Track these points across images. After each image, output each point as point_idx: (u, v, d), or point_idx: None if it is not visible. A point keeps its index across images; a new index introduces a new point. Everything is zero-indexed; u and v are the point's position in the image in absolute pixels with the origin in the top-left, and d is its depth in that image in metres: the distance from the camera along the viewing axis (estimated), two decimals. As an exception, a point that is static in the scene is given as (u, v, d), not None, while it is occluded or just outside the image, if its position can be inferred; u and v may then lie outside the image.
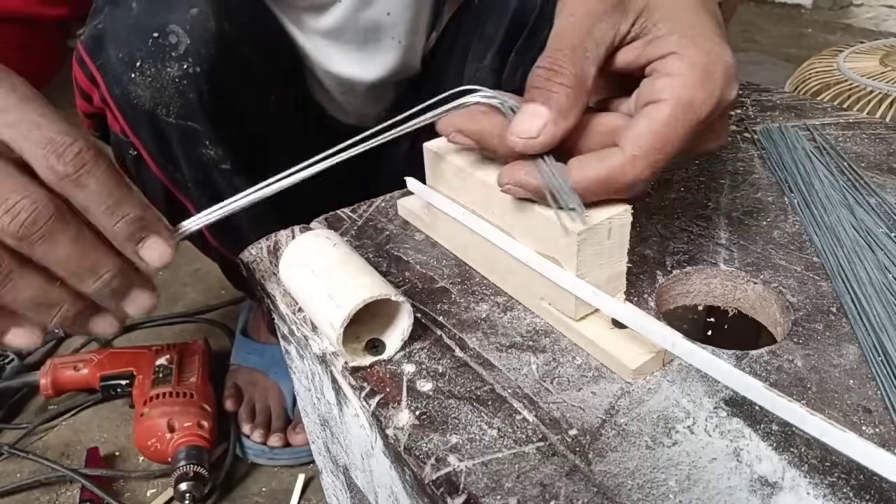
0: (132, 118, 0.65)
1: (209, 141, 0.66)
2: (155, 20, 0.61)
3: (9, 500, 0.85)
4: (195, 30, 0.61)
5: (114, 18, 0.62)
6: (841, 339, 0.37)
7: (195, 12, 0.61)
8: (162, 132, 0.65)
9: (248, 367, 0.96)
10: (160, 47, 0.61)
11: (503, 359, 0.37)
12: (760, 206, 0.49)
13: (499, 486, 0.30)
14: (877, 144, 0.57)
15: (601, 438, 0.32)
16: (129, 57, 0.62)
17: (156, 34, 0.61)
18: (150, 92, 0.62)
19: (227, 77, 0.64)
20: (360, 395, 0.36)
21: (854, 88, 1.09)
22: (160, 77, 0.62)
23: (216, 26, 0.62)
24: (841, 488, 0.29)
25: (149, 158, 0.68)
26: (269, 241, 0.48)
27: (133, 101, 0.63)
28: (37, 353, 1.08)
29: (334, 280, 0.36)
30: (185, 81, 0.62)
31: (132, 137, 0.67)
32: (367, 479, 0.41)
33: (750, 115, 0.63)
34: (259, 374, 0.94)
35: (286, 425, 0.90)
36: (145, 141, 0.67)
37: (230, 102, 0.65)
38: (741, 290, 0.43)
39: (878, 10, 2.70)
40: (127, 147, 0.68)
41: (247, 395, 0.93)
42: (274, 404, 0.91)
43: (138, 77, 0.62)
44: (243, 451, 0.89)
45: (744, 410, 0.33)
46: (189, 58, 0.62)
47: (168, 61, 0.62)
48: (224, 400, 0.92)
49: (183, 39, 0.61)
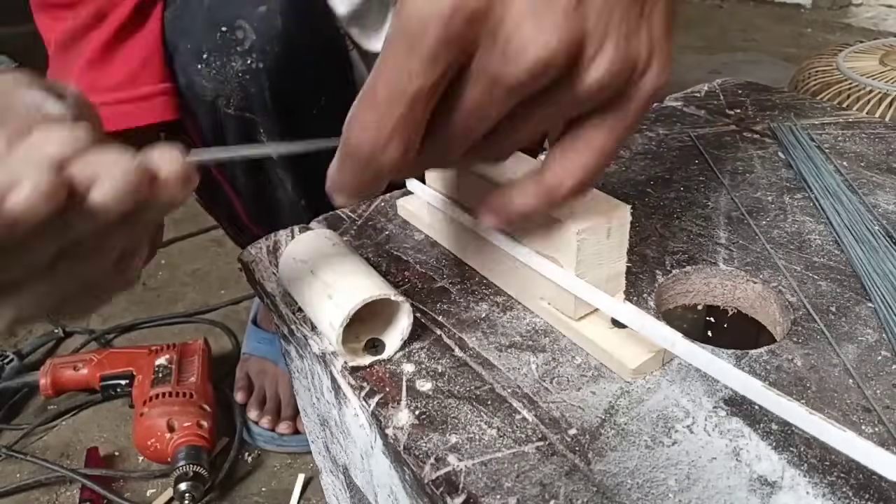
0: (194, 105, 0.67)
1: (263, 131, 0.68)
2: (224, 14, 0.63)
3: (8, 500, 0.85)
4: (262, 27, 0.63)
5: (187, 8, 0.64)
6: (840, 338, 0.37)
7: (263, 10, 0.63)
8: (220, 122, 0.67)
9: (258, 356, 0.97)
10: (227, 41, 0.63)
11: (503, 358, 0.37)
12: (760, 205, 0.49)
13: (498, 486, 0.30)
14: (876, 144, 0.57)
15: (601, 438, 0.32)
16: (198, 49, 0.64)
17: (224, 28, 0.63)
18: (213, 84, 0.65)
19: (286, 74, 0.66)
20: (359, 395, 0.36)
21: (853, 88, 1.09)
22: (224, 70, 0.64)
23: (282, 25, 0.64)
24: (840, 487, 0.29)
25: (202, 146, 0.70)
26: (269, 241, 0.48)
27: (196, 91, 0.65)
28: (36, 353, 1.08)
29: (334, 280, 0.36)
30: (248, 76, 0.64)
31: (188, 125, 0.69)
32: (366, 479, 0.41)
33: (750, 114, 0.63)
34: (269, 362, 0.95)
35: (295, 413, 0.91)
36: (203, 130, 0.69)
37: (287, 99, 0.67)
38: (741, 290, 0.43)
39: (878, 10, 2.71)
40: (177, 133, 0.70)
41: (257, 383, 0.94)
42: (283, 392, 0.93)
43: (204, 69, 0.64)
44: (252, 438, 0.90)
45: (743, 410, 0.33)
46: (254, 53, 0.64)
47: (233, 55, 0.63)
48: (235, 392, 0.93)
49: (250, 35, 0.63)
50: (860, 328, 0.38)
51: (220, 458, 0.87)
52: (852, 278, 0.41)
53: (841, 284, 0.41)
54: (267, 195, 0.74)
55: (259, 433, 0.90)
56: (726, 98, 0.67)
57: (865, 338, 0.37)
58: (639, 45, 0.27)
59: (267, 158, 0.70)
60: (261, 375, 0.95)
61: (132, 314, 1.15)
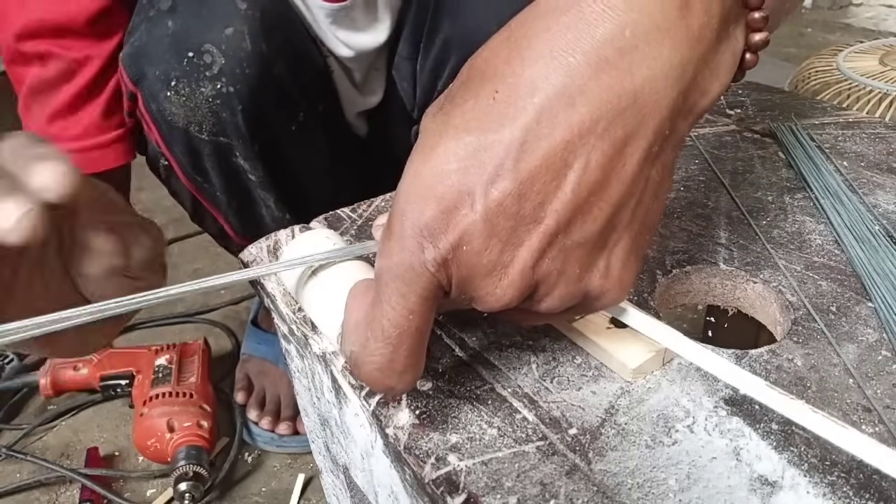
0: (167, 133, 0.66)
1: (239, 153, 0.67)
2: (190, 39, 0.62)
3: (9, 500, 0.85)
4: (230, 49, 0.62)
5: (150, 36, 0.62)
6: (841, 338, 0.37)
7: (231, 32, 0.61)
8: (194, 147, 0.66)
9: (258, 357, 0.97)
10: (195, 67, 0.62)
11: (503, 358, 0.37)
12: (760, 205, 0.49)
13: (499, 486, 0.30)
14: (876, 144, 0.57)
15: (601, 438, 0.32)
16: (165, 75, 0.62)
17: (191, 53, 0.62)
18: (184, 111, 0.63)
19: (259, 95, 0.64)
20: (360, 395, 0.36)
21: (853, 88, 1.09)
22: (194, 97, 0.63)
23: (251, 45, 0.62)
24: (841, 487, 0.29)
25: (179, 172, 0.70)
26: (269, 240, 0.48)
27: (168, 118, 0.64)
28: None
29: (334, 279, 0.36)
30: (218, 101, 0.63)
31: (164, 151, 0.68)
32: (366, 479, 0.41)
33: (750, 114, 0.63)
34: (269, 363, 0.95)
35: (295, 414, 0.91)
36: (177, 155, 0.68)
37: (262, 120, 0.66)
38: (741, 290, 0.43)
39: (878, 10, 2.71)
40: (159, 156, 0.70)
41: (257, 384, 0.94)
42: (283, 393, 0.93)
43: (173, 96, 0.63)
44: (252, 439, 0.90)
45: (743, 409, 0.33)
46: (223, 77, 0.62)
47: (202, 81, 0.62)
48: (235, 393, 0.93)
49: (217, 59, 0.62)
50: (860, 328, 0.38)
51: (220, 458, 0.87)
52: (852, 278, 0.41)
53: (841, 284, 0.41)
54: (251, 213, 0.74)
55: (259, 434, 0.90)
56: (726, 98, 0.67)
57: (866, 337, 0.37)
58: (590, 281, 0.29)
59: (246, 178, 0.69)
60: (261, 376, 0.95)
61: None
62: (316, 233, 0.40)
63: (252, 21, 0.62)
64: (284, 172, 0.71)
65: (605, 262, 0.29)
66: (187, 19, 0.62)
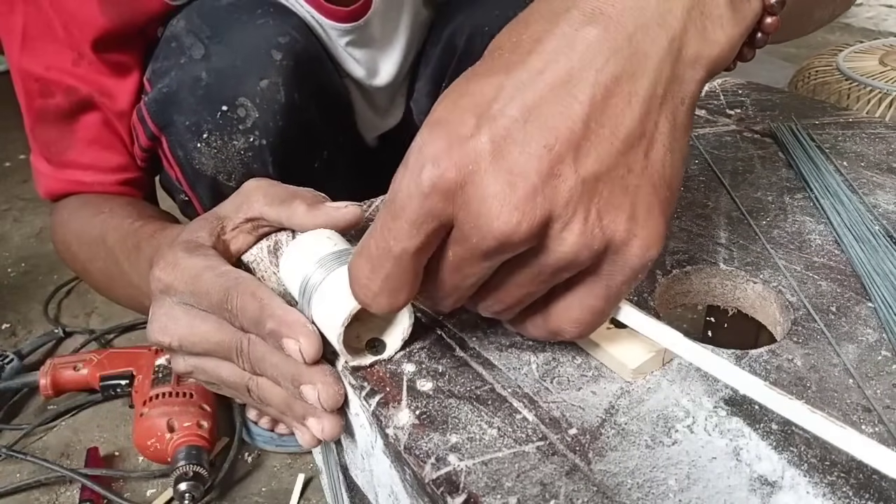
0: (192, 177, 0.65)
1: None
2: (224, 92, 0.60)
3: (9, 500, 0.85)
4: (264, 102, 0.61)
5: (181, 84, 0.61)
6: (841, 338, 0.37)
7: (265, 84, 0.60)
8: (220, 192, 0.65)
9: None
10: (228, 120, 0.61)
11: (503, 358, 0.37)
12: (760, 205, 0.49)
13: (499, 486, 0.30)
14: (876, 144, 0.57)
15: (601, 438, 0.32)
16: (196, 127, 0.61)
17: (225, 107, 0.60)
18: (213, 162, 0.62)
19: (290, 144, 0.64)
20: (360, 395, 0.36)
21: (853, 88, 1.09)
22: (225, 149, 0.62)
23: (285, 97, 0.61)
24: (840, 487, 0.29)
25: (200, 209, 0.69)
26: (270, 241, 0.48)
27: (196, 167, 0.63)
28: (36, 354, 1.08)
29: (335, 279, 0.36)
30: (250, 153, 0.62)
31: (187, 189, 0.67)
32: (367, 479, 0.41)
33: (750, 114, 0.63)
34: None
35: None
36: (201, 197, 0.67)
37: (290, 166, 0.65)
38: (741, 290, 0.43)
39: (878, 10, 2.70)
40: (178, 191, 0.69)
41: None
42: None
43: (203, 147, 0.62)
44: (252, 439, 0.90)
45: (743, 410, 0.33)
46: (256, 130, 0.61)
47: (235, 134, 0.61)
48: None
49: (252, 112, 0.61)
50: (860, 328, 0.38)
51: (220, 458, 0.87)
52: (852, 278, 0.41)
53: (841, 284, 0.41)
54: None
55: (259, 433, 0.90)
56: (726, 98, 0.67)
57: (865, 337, 0.37)
58: (614, 223, 0.28)
59: None
60: None
61: (132, 314, 1.15)
62: (317, 233, 0.40)
63: (287, 71, 0.61)
64: None
65: (630, 204, 0.28)
66: (221, 70, 0.60)
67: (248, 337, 0.37)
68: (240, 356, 0.38)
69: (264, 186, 0.43)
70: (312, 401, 0.36)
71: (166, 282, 0.39)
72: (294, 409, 0.38)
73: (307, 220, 0.41)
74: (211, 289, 0.38)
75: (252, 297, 0.36)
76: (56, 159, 0.68)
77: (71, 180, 0.68)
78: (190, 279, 0.38)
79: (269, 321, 0.35)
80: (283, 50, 0.61)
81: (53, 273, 1.30)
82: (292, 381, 0.36)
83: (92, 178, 0.68)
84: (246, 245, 0.44)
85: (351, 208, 0.41)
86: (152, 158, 0.68)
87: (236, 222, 0.43)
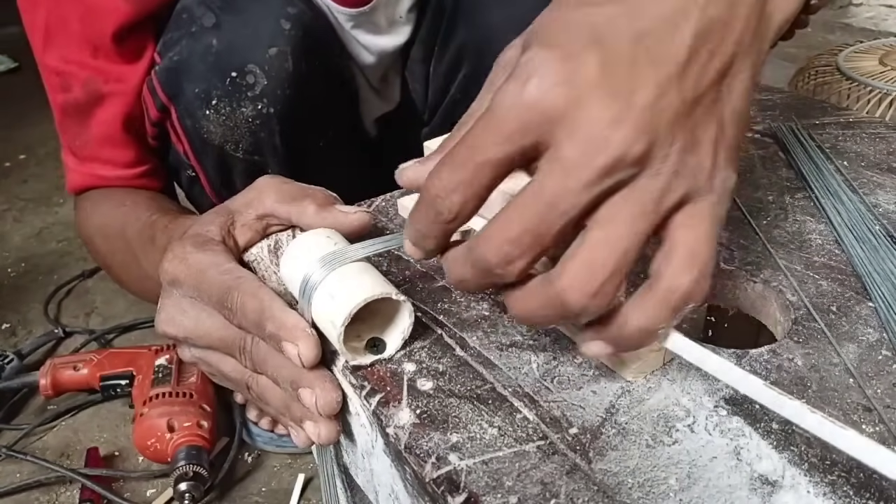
0: (199, 148, 0.66)
1: (271, 171, 0.66)
2: (234, 59, 0.61)
3: (8, 500, 0.85)
4: (273, 70, 0.61)
5: (192, 53, 0.62)
6: (841, 338, 0.37)
7: (274, 52, 0.61)
8: (226, 164, 0.66)
9: None
10: (237, 87, 0.61)
11: (504, 357, 0.37)
12: (760, 205, 0.49)
13: (499, 485, 0.30)
14: (877, 144, 0.57)
15: (601, 437, 0.32)
16: (206, 94, 0.62)
17: (234, 74, 0.61)
18: (221, 129, 0.63)
19: (297, 115, 0.64)
20: (360, 394, 0.36)
21: (853, 88, 1.10)
22: (234, 116, 0.62)
23: (293, 66, 0.62)
24: (841, 486, 0.29)
25: (206, 184, 0.70)
26: (270, 240, 0.48)
27: (203, 135, 0.64)
28: (36, 354, 1.08)
29: (335, 279, 0.36)
30: (258, 121, 0.63)
31: (194, 163, 0.68)
32: (367, 479, 0.41)
33: (750, 114, 0.63)
34: None
35: None
36: (207, 169, 0.68)
37: (297, 139, 0.66)
38: (741, 290, 0.43)
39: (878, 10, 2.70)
40: (186, 167, 0.70)
41: None
42: None
43: (212, 114, 0.62)
44: (251, 439, 0.90)
45: (744, 409, 0.33)
46: (264, 98, 0.62)
47: (243, 101, 0.62)
48: (235, 393, 0.93)
49: (260, 80, 0.61)
50: (861, 328, 0.38)
51: (220, 458, 0.87)
52: (853, 278, 0.41)
53: (841, 284, 0.41)
54: None
55: (259, 433, 0.90)
56: (726, 98, 0.67)
57: (866, 337, 0.37)
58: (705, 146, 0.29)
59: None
60: None
61: (132, 314, 1.15)
62: (317, 232, 0.40)
63: (295, 41, 0.62)
64: None
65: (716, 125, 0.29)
66: (231, 38, 0.61)
67: (251, 336, 0.37)
68: (242, 354, 0.38)
69: (276, 183, 0.43)
70: (309, 405, 0.36)
71: (173, 275, 0.40)
72: (292, 410, 0.38)
73: (316, 220, 0.41)
74: (213, 286, 0.38)
75: (253, 298, 0.36)
76: (80, 153, 0.69)
77: (93, 174, 0.69)
78: (195, 274, 0.39)
79: (269, 323, 0.36)
80: (291, 20, 0.62)
81: (53, 273, 1.30)
82: (291, 384, 0.36)
83: (112, 172, 0.69)
84: (254, 241, 0.44)
85: (360, 214, 0.41)
86: (162, 136, 0.69)
87: (247, 218, 0.43)
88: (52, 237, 1.43)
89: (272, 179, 0.44)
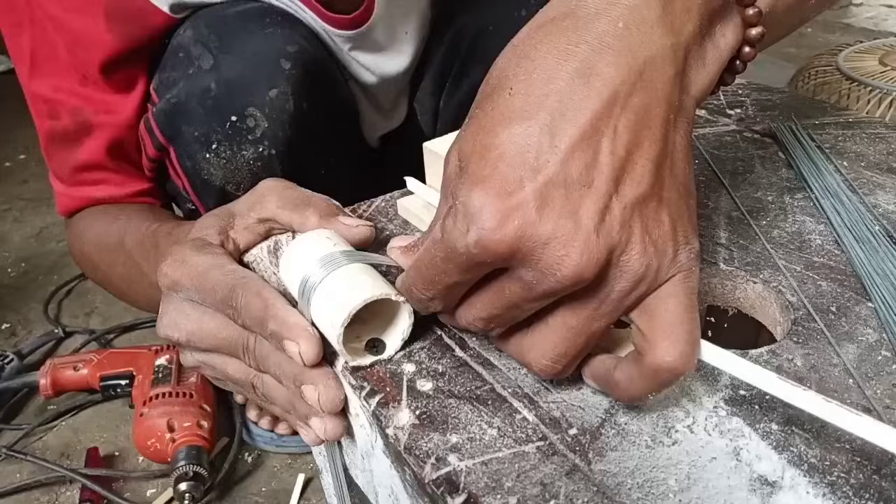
0: (200, 189, 0.65)
1: None
2: (234, 103, 0.60)
3: (9, 500, 0.85)
4: (274, 112, 0.60)
5: (190, 95, 0.61)
6: (841, 338, 0.37)
7: (275, 93, 0.60)
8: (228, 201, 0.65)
9: None
10: (237, 131, 0.60)
11: (503, 358, 0.37)
12: (760, 205, 0.49)
13: (499, 486, 0.30)
14: (876, 144, 0.57)
15: (601, 438, 0.32)
16: (205, 137, 0.61)
17: (234, 118, 0.60)
18: (222, 172, 0.62)
19: (299, 154, 0.63)
20: (360, 395, 0.36)
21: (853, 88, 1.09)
22: (234, 160, 0.61)
23: (294, 107, 0.61)
24: (841, 487, 0.29)
25: None
26: (270, 241, 0.48)
27: (204, 177, 0.63)
28: (36, 354, 1.08)
29: (334, 280, 0.36)
30: (259, 163, 0.62)
31: (194, 199, 0.67)
32: (367, 479, 0.41)
33: (750, 114, 0.63)
34: None
35: None
36: (209, 206, 0.67)
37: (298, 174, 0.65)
38: (741, 290, 0.43)
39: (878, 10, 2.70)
40: (185, 200, 0.69)
41: None
42: None
43: (213, 158, 0.61)
44: (252, 439, 0.90)
45: (743, 410, 0.33)
46: (265, 140, 0.61)
47: (244, 144, 0.61)
48: (235, 393, 0.93)
49: (261, 123, 0.60)
50: (860, 328, 0.38)
51: (220, 458, 0.87)
52: (852, 278, 0.41)
53: (841, 284, 0.41)
54: None
55: (259, 433, 0.90)
56: (726, 98, 0.67)
57: (866, 338, 0.37)
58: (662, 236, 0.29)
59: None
60: None
61: (132, 314, 1.15)
62: (316, 233, 0.40)
63: (296, 80, 0.61)
64: None
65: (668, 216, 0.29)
66: (230, 80, 0.60)
67: (254, 335, 0.38)
68: (246, 353, 0.38)
69: (279, 188, 0.43)
70: (313, 402, 0.36)
71: (173, 278, 0.40)
72: (297, 407, 0.38)
73: None
74: (217, 286, 0.38)
75: (257, 297, 0.37)
76: (69, 179, 0.68)
77: (83, 196, 0.68)
78: (197, 276, 0.39)
79: (272, 322, 0.36)
80: (291, 59, 0.61)
81: (53, 273, 1.30)
82: (294, 381, 0.36)
83: (104, 192, 0.68)
84: (253, 243, 0.44)
85: (362, 228, 0.42)
86: (160, 168, 0.68)
87: (248, 221, 0.43)
88: (52, 237, 1.43)
89: (276, 183, 0.44)
